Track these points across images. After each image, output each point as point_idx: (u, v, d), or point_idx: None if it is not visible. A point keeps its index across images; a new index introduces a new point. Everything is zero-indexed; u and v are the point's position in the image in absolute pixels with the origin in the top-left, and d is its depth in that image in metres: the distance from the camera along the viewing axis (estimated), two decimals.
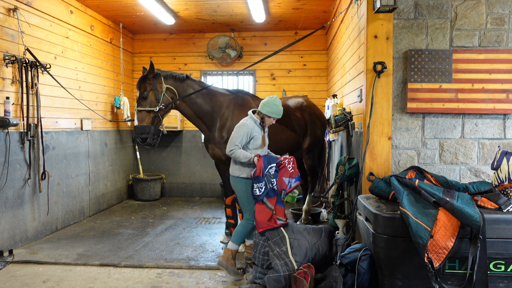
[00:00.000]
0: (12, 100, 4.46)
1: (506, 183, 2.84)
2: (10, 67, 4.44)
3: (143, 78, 4.44)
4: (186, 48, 7.81)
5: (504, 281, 2.65)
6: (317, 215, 5.75)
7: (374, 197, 3.26)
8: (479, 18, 3.61)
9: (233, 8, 6.19)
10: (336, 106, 5.42)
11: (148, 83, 4.41)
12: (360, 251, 3.00)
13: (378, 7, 3.39)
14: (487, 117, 3.64)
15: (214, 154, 4.64)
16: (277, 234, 3.54)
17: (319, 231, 3.91)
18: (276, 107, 3.73)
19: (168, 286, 3.53)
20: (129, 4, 5.96)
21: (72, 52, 5.73)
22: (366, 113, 3.68)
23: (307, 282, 3.09)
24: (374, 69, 3.59)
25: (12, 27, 4.49)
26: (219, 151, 4.51)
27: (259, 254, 3.56)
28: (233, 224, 4.70)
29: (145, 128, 4.36)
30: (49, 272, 3.86)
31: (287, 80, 7.68)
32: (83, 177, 5.99)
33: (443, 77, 3.59)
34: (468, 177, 3.67)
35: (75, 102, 5.76)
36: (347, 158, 4.28)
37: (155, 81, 4.41)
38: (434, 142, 3.69)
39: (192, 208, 6.83)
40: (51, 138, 5.19)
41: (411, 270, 2.69)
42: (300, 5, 6.04)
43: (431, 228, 2.56)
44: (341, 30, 5.56)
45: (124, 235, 5.09)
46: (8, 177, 4.38)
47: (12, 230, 4.48)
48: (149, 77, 4.42)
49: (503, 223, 2.61)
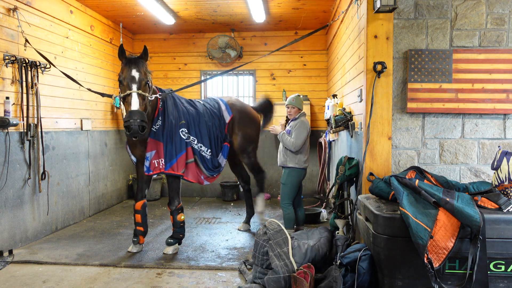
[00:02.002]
0: (12, 100, 4.46)
1: (506, 183, 2.84)
2: (10, 67, 4.44)
3: (142, 59, 3.99)
4: (186, 48, 7.81)
5: (504, 281, 2.65)
6: (317, 215, 5.75)
7: (374, 197, 3.26)
8: (479, 18, 3.61)
9: (233, 8, 6.19)
10: (336, 106, 5.42)
11: (146, 68, 4.01)
12: (360, 251, 3.00)
13: (378, 7, 3.39)
14: (487, 117, 3.64)
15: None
16: (280, 235, 3.54)
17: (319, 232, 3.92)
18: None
19: (168, 286, 3.52)
20: (129, 4, 5.96)
21: (72, 52, 5.73)
22: (366, 113, 3.68)
23: (307, 282, 3.09)
24: (374, 69, 3.59)
25: (12, 27, 4.48)
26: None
27: (259, 254, 3.56)
28: (142, 232, 4.45)
29: (143, 115, 3.71)
30: (49, 272, 3.86)
31: (287, 80, 7.68)
32: (83, 177, 5.99)
33: (443, 77, 3.59)
34: (468, 177, 3.67)
35: (75, 102, 5.76)
36: (347, 158, 4.28)
37: (147, 68, 4.06)
38: (434, 142, 3.69)
39: (192, 208, 6.82)
40: (51, 138, 5.19)
41: (411, 270, 2.69)
42: (300, 5, 6.04)
43: (431, 229, 2.56)
44: (341, 30, 5.56)
45: (124, 235, 5.09)
46: (8, 177, 4.38)
47: (12, 230, 4.47)
48: (145, 63, 4.02)
49: (503, 223, 2.61)
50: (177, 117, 4.35)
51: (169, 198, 4.43)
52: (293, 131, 4.59)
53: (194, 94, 7.77)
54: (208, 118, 4.71)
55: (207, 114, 4.73)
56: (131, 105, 3.74)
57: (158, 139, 4.16)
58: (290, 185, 4.62)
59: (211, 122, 4.72)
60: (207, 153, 4.54)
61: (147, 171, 4.15)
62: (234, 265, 4.00)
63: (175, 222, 4.41)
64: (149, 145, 4.15)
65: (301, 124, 4.60)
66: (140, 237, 4.46)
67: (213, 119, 4.77)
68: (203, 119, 4.63)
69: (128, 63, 3.91)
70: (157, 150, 4.14)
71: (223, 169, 4.94)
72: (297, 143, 4.53)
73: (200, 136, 4.52)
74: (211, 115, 4.78)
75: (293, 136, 4.58)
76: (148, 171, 4.16)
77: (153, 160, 4.15)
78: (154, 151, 4.13)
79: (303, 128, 4.58)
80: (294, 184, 4.64)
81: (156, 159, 4.15)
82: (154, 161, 4.15)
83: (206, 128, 4.61)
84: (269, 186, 7.71)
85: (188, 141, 4.38)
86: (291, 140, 4.55)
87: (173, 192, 4.41)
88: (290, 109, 4.74)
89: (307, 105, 7.17)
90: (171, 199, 4.41)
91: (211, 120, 4.74)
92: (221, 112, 4.90)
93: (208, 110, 4.78)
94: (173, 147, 4.23)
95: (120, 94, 3.90)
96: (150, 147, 4.15)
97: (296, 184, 4.66)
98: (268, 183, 7.70)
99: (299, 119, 4.68)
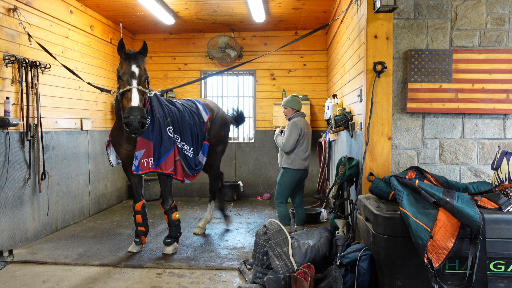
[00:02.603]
0: (12, 100, 4.46)
1: (506, 183, 2.84)
2: (10, 67, 4.44)
3: (142, 54, 3.94)
4: (186, 48, 7.81)
5: (504, 281, 2.65)
6: (317, 215, 5.75)
7: (374, 197, 3.26)
8: (479, 18, 3.61)
9: (233, 8, 6.19)
10: (336, 106, 5.42)
11: (145, 64, 3.94)
12: (360, 251, 3.00)
13: (378, 7, 3.39)
14: (487, 117, 3.64)
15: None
16: (280, 235, 3.54)
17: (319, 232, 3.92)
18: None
19: (168, 286, 3.52)
20: (129, 4, 5.96)
21: (72, 52, 5.73)
22: (366, 113, 3.68)
23: (307, 282, 3.09)
24: (374, 69, 3.59)
25: (12, 27, 4.48)
26: None
27: (259, 254, 3.56)
28: (144, 232, 4.47)
29: (143, 111, 3.64)
30: (49, 272, 3.86)
31: (287, 80, 7.68)
32: (83, 177, 5.99)
33: (443, 77, 3.59)
34: (468, 177, 3.67)
35: (75, 102, 5.76)
36: (347, 158, 4.28)
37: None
38: (434, 142, 3.69)
39: (192, 208, 6.82)
40: (51, 138, 5.19)
41: (411, 270, 2.69)
42: (300, 5, 6.04)
43: (431, 229, 2.56)
44: (341, 30, 5.56)
45: (124, 235, 5.08)
46: (8, 177, 4.38)
47: (12, 230, 4.47)
48: (145, 59, 3.97)
49: (503, 223, 2.61)
50: (163, 116, 4.33)
51: (163, 197, 4.42)
52: (285, 132, 4.66)
53: (194, 94, 7.78)
54: (189, 117, 4.73)
55: (187, 113, 4.75)
56: (131, 101, 3.65)
57: (147, 138, 4.11)
58: (284, 185, 4.70)
59: (192, 121, 4.74)
60: (189, 151, 4.56)
61: (136, 170, 4.08)
62: (234, 265, 4.00)
63: (171, 221, 4.41)
64: (139, 144, 4.09)
65: (292, 124, 4.62)
66: (142, 237, 4.47)
67: (194, 118, 4.80)
68: (185, 118, 4.65)
69: (127, 58, 3.84)
70: (146, 149, 4.10)
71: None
72: (287, 143, 4.58)
73: (183, 135, 4.54)
74: (191, 114, 4.80)
75: (284, 136, 4.63)
76: (137, 170, 4.08)
77: (142, 159, 4.09)
78: (143, 150, 4.09)
79: (294, 129, 4.60)
80: (287, 184, 4.68)
81: (145, 158, 4.10)
82: (143, 160, 4.09)
83: (188, 127, 4.64)
84: (269, 186, 7.72)
85: (173, 140, 4.38)
86: (282, 141, 4.61)
87: (166, 191, 4.40)
88: (284, 110, 4.88)
89: (307, 105, 7.17)
90: (164, 198, 4.41)
91: (192, 119, 4.76)
92: (199, 111, 4.94)
93: (187, 109, 4.80)
94: (162, 145, 4.21)
95: (119, 90, 3.84)
96: (139, 146, 4.08)
97: (290, 184, 4.69)
98: (269, 183, 7.72)
99: (292, 119, 4.72)
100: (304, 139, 4.67)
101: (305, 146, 4.69)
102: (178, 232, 4.49)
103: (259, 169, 7.74)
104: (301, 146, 4.65)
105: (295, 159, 4.63)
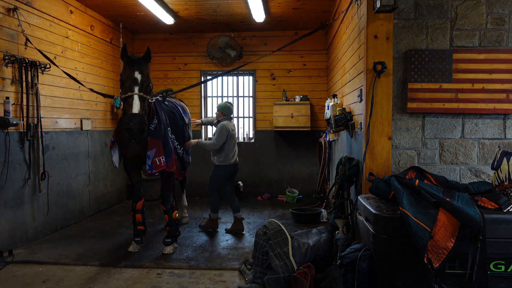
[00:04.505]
0: (12, 100, 4.46)
1: (506, 183, 2.83)
2: (10, 67, 4.44)
3: (145, 60, 3.94)
4: (186, 48, 7.81)
5: (504, 281, 2.64)
6: (317, 215, 5.75)
7: (374, 197, 3.26)
8: (479, 18, 3.61)
9: (233, 8, 6.19)
10: (336, 106, 5.41)
11: (148, 69, 3.95)
12: (360, 251, 3.00)
13: (378, 7, 3.39)
14: (487, 117, 3.64)
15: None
16: (280, 235, 3.54)
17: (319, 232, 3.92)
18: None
19: (168, 286, 3.52)
20: (129, 4, 5.96)
21: (72, 52, 5.73)
22: (366, 113, 3.68)
23: (307, 282, 3.09)
24: (374, 69, 3.59)
25: (12, 27, 4.48)
26: None
27: (259, 254, 3.56)
28: (144, 231, 4.47)
29: (143, 119, 3.70)
30: (49, 272, 3.86)
31: (287, 80, 7.68)
32: (83, 177, 5.99)
33: (443, 77, 3.59)
34: (468, 177, 3.67)
35: (75, 102, 5.76)
36: (347, 158, 4.28)
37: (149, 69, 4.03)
38: (434, 142, 3.69)
39: (192, 208, 6.82)
40: (51, 138, 5.18)
41: (411, 270, 2.69)
42: (300, 5, 6.04)
43: (431, 229, 2.56)
44: (341, 30, 5.56)
45: (124, 235, 5.08)
46: (8, 177, 4.38)
47: (12, 230, 4.47)
48: (148, 64, 3.98)
49: (503, 223, 2.61)
50: (164, 117, 4.42)
51: (164, 196, 4.44)
52: (215, 133, 5.17)
53: (194, 94, 7.78)
54: (178, 117, 4.89)
55: (177, 114, 4.93)
56: (132, 107, 3.70)
57: (157, 138, 4.17)
58: (214, 179, 5.27)
59: (181, 122, 4.92)
60: (180, 151, 4.77)
61: (150, 169, 4.11)
62: (234, 265, 4.00)
63: (171, 220, 4.43)
64: (150, 144, 4.15)
65: (220, 126, 5.15)
66: (142, 236, 4.51)
67: (182, 119, 5.03)
68: (177, 119, 4.82)
69: (131, 64, 3.85)
70: (157, 148, 4.15)
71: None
72: (217, 143, 5.10)
73: (177, 136, 4.69)
74: (179, 115, 4.97)
75: (214, 137, 5.15)
76: (151, 169, 4.11)
77: (155, 158, 4.14)
78: (154, 149, 4.14)
79: (222, 131, 5.12)
80: (217, 178, 5.23)
81: (157, 156, 4.15)
82: (156, 159, 4.14)
83: (180, 128, 4.81)
84: (269, 186, 7.72)
85: (172, 140, 4.50)
86: (213, 142, 5.12)
87: (167, 190, 4.44)
88: (216, 112, 5.41)
89: (307, 105, 7.18)
90: (165, 197, 4.42)
91: (181, 120, 4.96)
92: (181, 113, 5.14)
93: (176, 111, 4.96)
94: (168, 145, 4.29)
95: (121, 95, 3.88)
96: (150, 146, 4.15)
97: (219, 178, 5.23)
98: (269, 183, 7.72)
99: (221, 122, 5.24)
100: (232, 138, 5.24)
101: (233, 144, 5.26)
102: (177, 232, 4.52)
103: (259, 169, 7.75)
104: (230, 145, 5.19)
105: (225, 157, 5.16)
